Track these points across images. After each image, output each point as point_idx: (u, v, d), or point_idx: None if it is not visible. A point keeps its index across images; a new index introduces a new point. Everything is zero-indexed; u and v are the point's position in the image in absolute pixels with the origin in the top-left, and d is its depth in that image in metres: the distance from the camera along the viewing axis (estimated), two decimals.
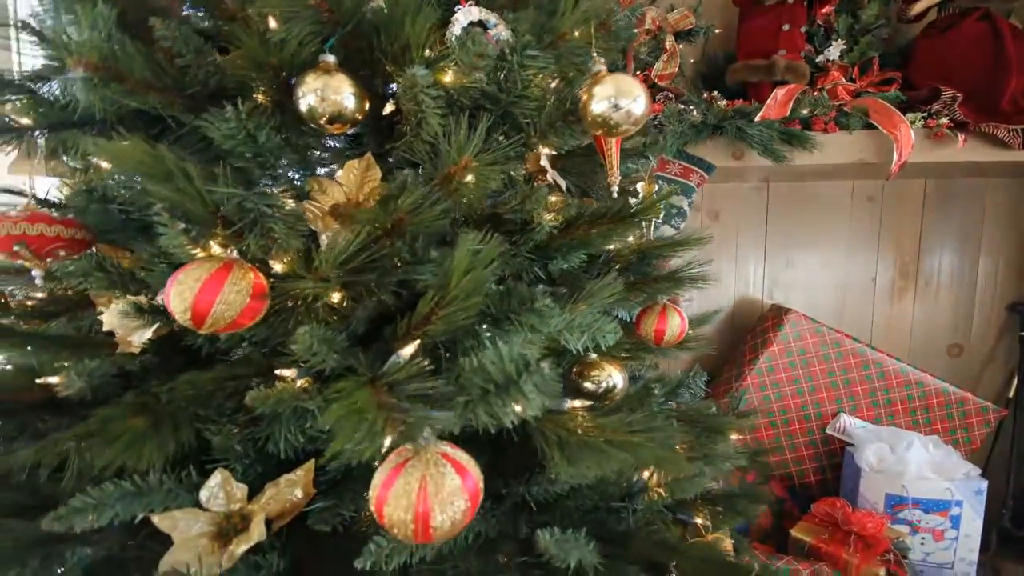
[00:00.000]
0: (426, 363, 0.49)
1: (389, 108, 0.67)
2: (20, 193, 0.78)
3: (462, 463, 0.44)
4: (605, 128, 0.63)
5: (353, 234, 0.53)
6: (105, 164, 0.68)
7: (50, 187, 0.78)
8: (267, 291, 0.53)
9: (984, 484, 1.31)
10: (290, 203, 0.59)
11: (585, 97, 0.63)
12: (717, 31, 1.48)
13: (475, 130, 0.59)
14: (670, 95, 1.45)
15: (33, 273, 0.62)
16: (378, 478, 0.44)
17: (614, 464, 0.53)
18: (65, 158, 0.72)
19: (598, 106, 0.62)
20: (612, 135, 0.65)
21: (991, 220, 1.64)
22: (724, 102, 1.38)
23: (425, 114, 0.60)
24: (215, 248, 0.56)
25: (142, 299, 0.65)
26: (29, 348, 0.61)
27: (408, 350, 0.51)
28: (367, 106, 0.63)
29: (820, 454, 1.52)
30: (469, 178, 0.60)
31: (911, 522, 1.33)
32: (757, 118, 1.32)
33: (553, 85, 0.74)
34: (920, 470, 1.33)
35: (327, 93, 0.59)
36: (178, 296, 0.49)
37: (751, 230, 1.73)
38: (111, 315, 0.68)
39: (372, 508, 0.43)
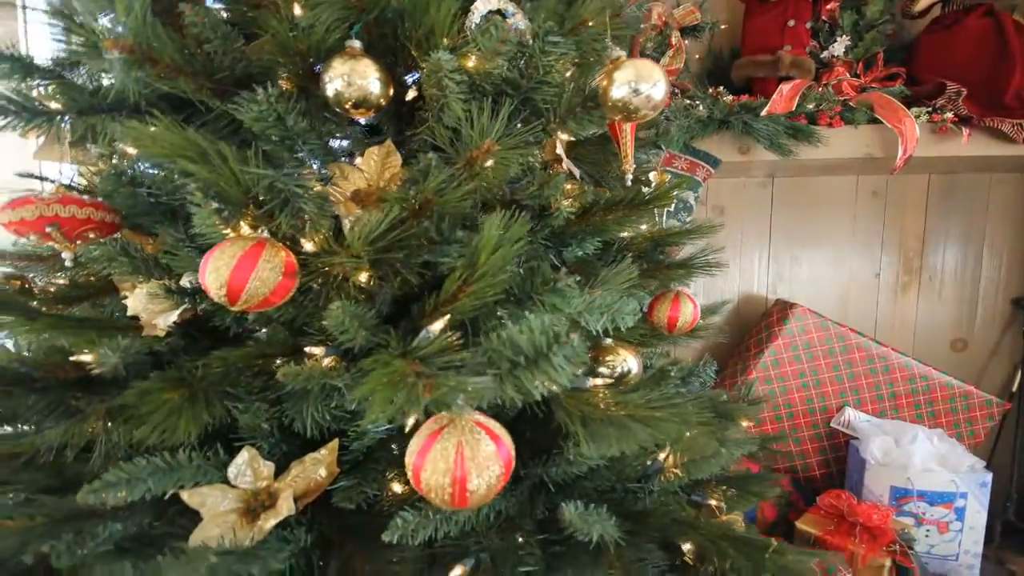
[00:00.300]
0: (456, 337, 0.50)
1: (412, 95, 0.69)
2: (43, 179, 0.79)
3: (495, 431, 0.45)
4: (625, 113, 0.64)
5: (382, 213, 0.54)
6: (131, 150, 0.69)
7: (72, 174, 0.79)
8: (298, 269, 0.54)
9: (988, 477, 1.32)
10: (317, 185, 0.60)
11: (605, 82, 0.64)
12: (722, 27, 1.49)
13: (497, 115, 0.60)
14: (676, 90, 1.46)
15: (63, 255, 0.63)
16: (414, 445, 0.44)
17: (637, 440, 0.54)
18: (90, 145, 0.73)
19: (618, 91, 0.63)
20: (631, 120, 0.66)
21: (995, 215, 1.65)
22: (730, 97, 1.39)
23: (448, 99, 0.62)
24: (245, 229, 0.57)
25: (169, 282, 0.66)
26: (58, 331, 0.62)
27: (438, 325, 0.52)
28: (391, 91, 0.64)
29: (825, 447, 1.53)
30: (490, 163, 0.61)
31: (916, 514, 1.34)
32: (763, 113, 1.33)
33: (568, 73, 0.75)
34: (925, 463, 1.34)
35: (353, 78, 0.60)
36: (214, 272, 0.50)
37: (756, 225, 1.75)
38: (136, 299, 0.69)
39: (409, 476, 0.44)
